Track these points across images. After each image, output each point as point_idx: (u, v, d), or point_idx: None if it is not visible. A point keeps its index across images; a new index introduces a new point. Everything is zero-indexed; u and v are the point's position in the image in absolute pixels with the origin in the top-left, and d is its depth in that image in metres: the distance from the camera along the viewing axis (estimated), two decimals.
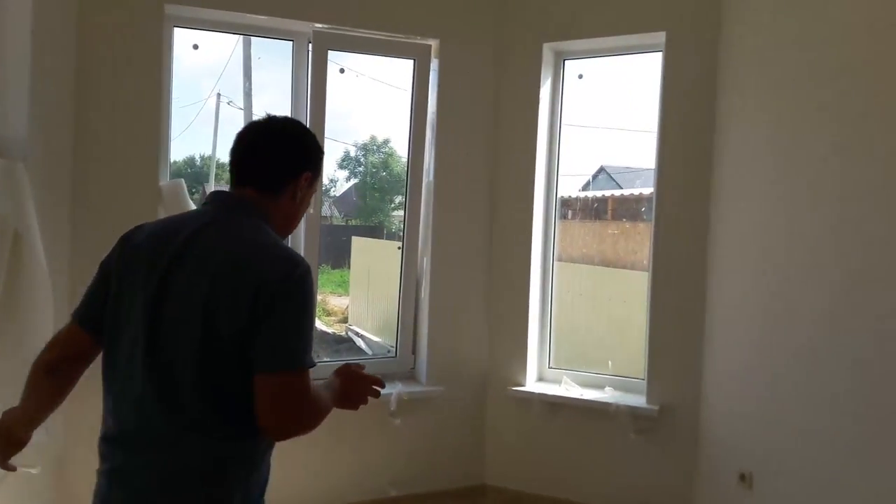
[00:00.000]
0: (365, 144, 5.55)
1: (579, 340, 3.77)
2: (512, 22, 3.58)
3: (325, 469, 3.29)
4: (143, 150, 3.00)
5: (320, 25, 3.30)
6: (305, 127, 1.71)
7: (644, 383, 3.35)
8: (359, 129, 3.43)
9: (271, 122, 1.63)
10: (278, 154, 1.57)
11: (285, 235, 1.61)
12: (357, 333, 4.34)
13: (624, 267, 3.82)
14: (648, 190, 3.68)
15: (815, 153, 2.57)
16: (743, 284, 2.95)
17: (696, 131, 3.19)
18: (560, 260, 3.72)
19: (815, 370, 2.52)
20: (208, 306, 1.35)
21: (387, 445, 3.40)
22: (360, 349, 4.23)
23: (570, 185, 3.87)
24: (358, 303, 4.66)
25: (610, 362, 3.59)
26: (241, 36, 3.49)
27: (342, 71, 3.47)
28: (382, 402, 3.28)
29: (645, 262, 3.58)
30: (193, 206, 3.04)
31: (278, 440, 1.44)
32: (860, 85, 2.37)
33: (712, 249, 3.14)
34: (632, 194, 3.85)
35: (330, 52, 3.33)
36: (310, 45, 3.33)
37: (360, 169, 5.90)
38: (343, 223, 6.04)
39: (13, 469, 1.56)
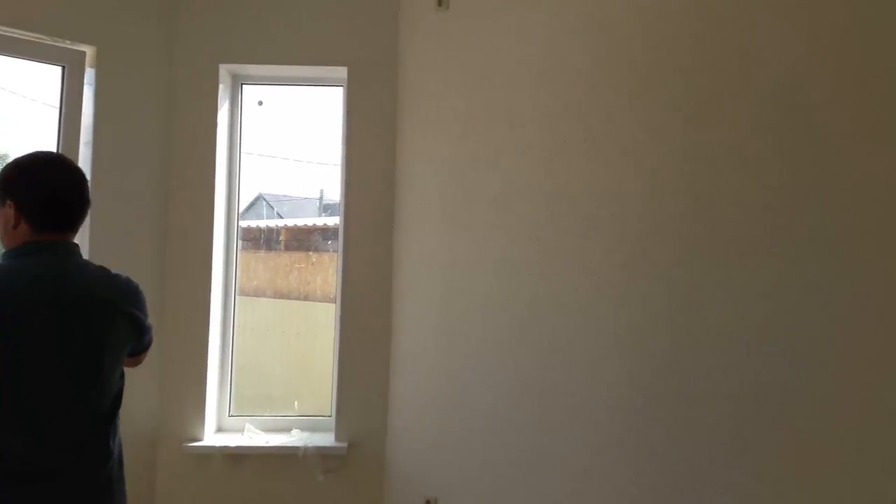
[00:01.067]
0: None
1: (262, 381, 3.55)
2: (184, 37, 3.27)
3: None
4: None
5: None
6: None
7: (332, 421, 3.28)
8: None
9: (68, 166, 1.81)
10: (88, 201, 1.79)
11: None
12: None
13: (300, 298, 3.71)
14: (322, 221, 3.68)
15: (475, 189, 2.80)
16: (422, 313, 3.07)
17: (380, 163, 3.26)
18: (240, 294, 3.47)
19: (484, 394, 2.72)
20: (103, 336, 1.70)
21: None
22: None
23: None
24: None
25: (296, 402, 3.44)
26: None
27: None
28: None
29: (320, 292, 3.53)
30: None
31: None
32: (514, 132, 2.63)
33: (397, 281, 3.22)
34: (306, 224, 3.77)
35: None
36: None
37: None
38: None
39: None
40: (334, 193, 3.73)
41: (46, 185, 1.69)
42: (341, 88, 3.40)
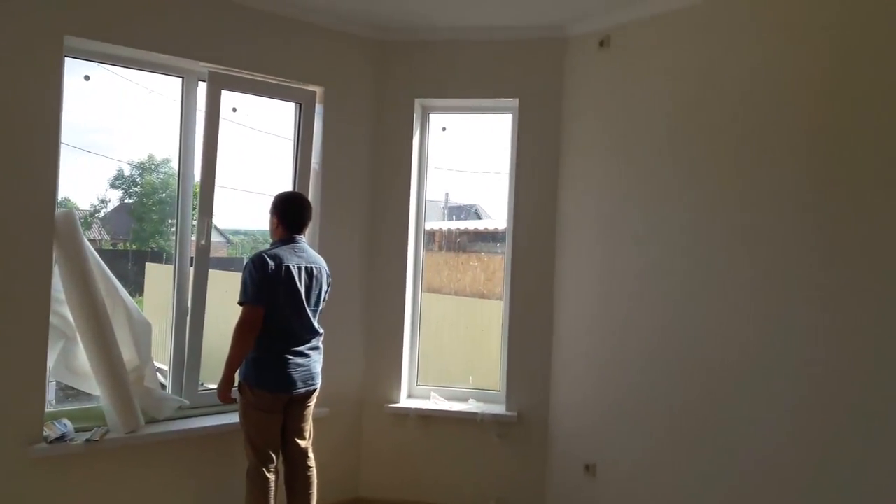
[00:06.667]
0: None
1: (442, 360, 4.26)
2: (388, 78, 4.05)
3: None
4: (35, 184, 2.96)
5: (212, 66, 3.50)
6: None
7: (500, 394, 3.92)
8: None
9: (303, 198, 3.37)
10: (310, 217, 3.38)
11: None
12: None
13: (474, 296, 4.37)
14: (485, 225, 4.30)
15: (627, 205, 3.35)
16: (583, 307, 3.65)
17: (544, 180, 3.86)
18: (424, 290, 4.20)
19: (640, 373, 3.28)
20: (322, 288, 3.26)
21: None
22: None
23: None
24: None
25: (471, 377, 4.12)
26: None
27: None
28: None
29: (486, 291, 4.18)
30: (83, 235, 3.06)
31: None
32: (662, 157, 3.17)
33: (558, 279, 3.81)
34: (486, 228, 4.44)
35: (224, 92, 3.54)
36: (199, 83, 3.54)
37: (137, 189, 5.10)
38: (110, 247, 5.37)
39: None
40: (458, 196, 4.44)
41: (293, 209, 3.26)
42: (510, 116, 4.05)
